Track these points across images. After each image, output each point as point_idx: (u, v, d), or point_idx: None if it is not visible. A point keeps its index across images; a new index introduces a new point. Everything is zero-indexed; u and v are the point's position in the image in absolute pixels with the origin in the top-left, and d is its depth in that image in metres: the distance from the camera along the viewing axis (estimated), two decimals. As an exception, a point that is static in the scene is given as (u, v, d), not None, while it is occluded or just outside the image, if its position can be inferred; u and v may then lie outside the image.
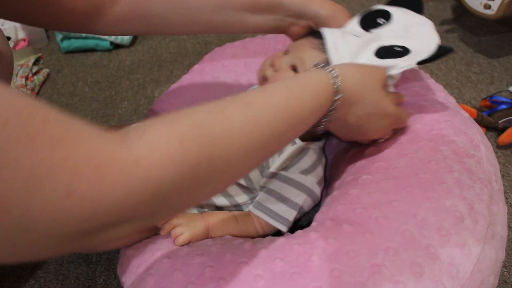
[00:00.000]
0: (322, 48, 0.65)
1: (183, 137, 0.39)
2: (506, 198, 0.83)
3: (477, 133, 0.66)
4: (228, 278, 0.53)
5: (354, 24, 0.70)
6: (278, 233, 0.66)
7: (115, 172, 0.34)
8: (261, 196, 0.67)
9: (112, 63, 1.30)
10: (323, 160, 0.71)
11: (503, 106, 0.98)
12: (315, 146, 0.71)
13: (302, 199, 0.66)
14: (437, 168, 0.60)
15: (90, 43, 1.33)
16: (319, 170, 0.69)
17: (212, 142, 0.40)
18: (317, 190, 0.68)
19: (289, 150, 0.68)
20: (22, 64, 1.20)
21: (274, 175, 0.67)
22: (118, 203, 0.34)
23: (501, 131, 0.96)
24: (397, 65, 0.61)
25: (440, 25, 1.36)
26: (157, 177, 0.36)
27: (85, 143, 0.33)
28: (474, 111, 0.96)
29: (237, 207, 0.71)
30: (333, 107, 0.54)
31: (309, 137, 0.70)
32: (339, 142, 0.76)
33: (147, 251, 0.63)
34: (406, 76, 0.76)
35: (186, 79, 0.96)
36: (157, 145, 0.37)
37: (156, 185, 0.36)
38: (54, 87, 1.21)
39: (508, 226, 0.71)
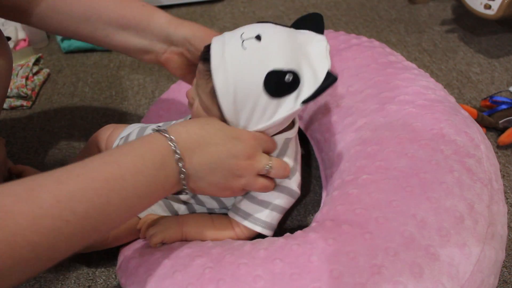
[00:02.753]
0: (208, 75, 0.58)
1: None
2: (506, 198, 0.83)
3: (477, 133, 0.66)
4: (228, 279, 0.53)
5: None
6: (260, 234, 0.65)
7: None
8: (238, 199, 0.65)
9: (112, 63, 1.30)
10: (298, 150, 0.67)
11: (503, 106, 0.98)
12: (284, 137, 0.64)
13: (283, 201, 0.64)
14: (437, 168, 0.60)
15: (90, 43, 1.33)
16: (297, 176, 0.66)
17: (17, 232, 0.40)
18: (295, 186, 0.65)
19: None
20: (23, 64, 1.20)
21: None
22: None
23: (501, 131, 0.96)
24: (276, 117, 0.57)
25: (440, 25, 1.36)
26: None
27: None
28: (474, 111, 0.96)
29: (227, 209, 0.70)
30: (183, 170, 0.52)
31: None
32: (328, 121, 0.75)
33: (147, 253, 0.63)
34: (407, 76, 0.76)
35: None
36: None
37: None
38: (54, 87, 1.21)
39: (508, 226, 0.71)
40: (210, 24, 1.43)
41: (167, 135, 0.52)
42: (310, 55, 0.58)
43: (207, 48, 0.59)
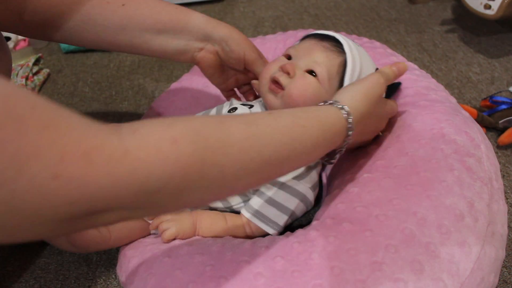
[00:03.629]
0: (337, 50, 0.66)
1: (177, 137, 0.39)
2: (506, 198, 0.83)
3: (478, 133, 0.67)
4: (229, 276, 0.53)
5: None
6: (266, 233, 0.66)
7: (103, 159, 0.34)
8: (253, 199, 0.67)
9: (112, 63, 1.30)
10: (318, 165, 0.70)
11: (503, 106, 0.98)
12: None
13: (294, 204, 0.66)
14: (437, 167, 0.60)
15: (90, 43, 1.33)
16: (313, 175, 0.68)
17: (207, 148, 0.40)
18: (310, 196, 0.67)
19: None
20: (23, 64, 1.20)
21: None
22: (104, 190, 0.34)
23: (501, 131, 0.96)
24: None
25: (440, 25, 1.36)
26: (145, 171, 0.36)
27: (73, 130, 0.34)
28: (474, 111, 0.96)
29: (230, 208, 0.70)
30: (346, 142, 0.57)
31: None
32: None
33: (147, 251, 0.63)
34: (408, 76, 0.76)
35: (187, 78, 0.96)
36: (149, 140, 0.37)
37: (143, 179, 0.36)
38: (54, 87, 1.21)
39: (508, 225, 0.71)
40: (210, 24, 1.43)
41: (344, 112, 0.56)
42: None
43: (318, 34, 0.70)
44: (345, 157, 0.71)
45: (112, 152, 0.35)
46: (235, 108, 0.71)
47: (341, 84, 0.65)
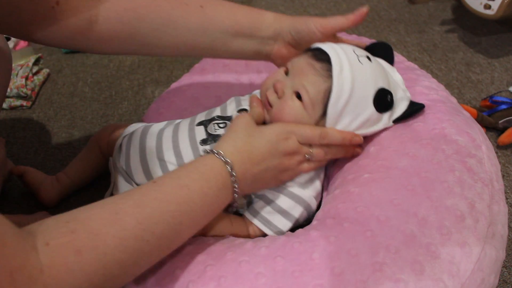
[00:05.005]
0: (326, 75, 0.63)
1: (81, 248, 0.43)
2: (506, 198, 0.83)
3: (479, 133, 0.67)
4: (229, 276, 0.53)
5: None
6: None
7: (24, 279, 0.39)
8: (258, 204, 0.67)
9: (112, 63, 1.30)
10: (322, 175, 0.70)
11: (503, 106, 0.99)
12: None
13: (298, 212, 0.66)
14: (438, 167, 0.60)
15: (90, 43, 1.32)
16: (317, 185, 0.68)
17: (107, 252, 0.44)
18: (314, 204, 0.68)
19: None
20: (22, 64, 1.20)
21: None
22: None
23: (501, 131, 0.96)
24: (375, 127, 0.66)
25: (440, 25, 1.36)
26: (57, 285, 0.41)
27: (5, 247, 0.38)
28: (474, 111, 0.96)
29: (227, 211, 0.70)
30: (236, 189, 0.58)
31: None
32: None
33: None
34: (409, 76, 0.76)
35: (186, 78, 0.96)
36: (58, 254, 0.42)
37: None
38: (54, 87, 1.21)
39: (508, 226, 0.71)
40: (210, 24, 1.43)
41: (223, 159, 0.57)
42: (397, 82, 0.69)
43: (319, 50, 0.65)
44: (345, 157, 0.71)
45: (31, 271, 0.39)
46: (245, 110, 0.71)
47: (324, 111, 0.63)
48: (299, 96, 0.64)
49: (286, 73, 0.67)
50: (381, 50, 0.72)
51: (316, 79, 0.63)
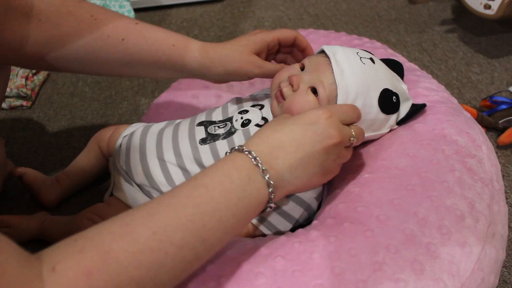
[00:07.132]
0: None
1: (91, 269, 0.39)
2: (506, 198, 0.83)
3: (479, 133, 0.67)
4: (229, 275, 0.53)
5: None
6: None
7: None
8: None
9: (112, 63, 1.30)
10: None
11: (503, 106, 0.99)
12: None
13: (299, 213, 0.66)
14: (438, 167, 0.60)
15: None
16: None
17: (120, 270, 0.40)
18: (315, 206, 0.67)
19: None
20: (22, 64, 1.20)
21: None
22: None
23: (501, 131, 0.96)
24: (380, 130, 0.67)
25: (440, 25, 1.36)
26: None
27: (7, 277, 0.35)
28: (474, 111, 0.96)
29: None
30: (269, 180, 0.50)
31: None
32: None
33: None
34: (410, 78, 0.76)
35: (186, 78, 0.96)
36: (64, 281, 0.38)
37: None
38: (54, 87, 1.21)
39: (508, 226, 0.71)
40: (210, 24, 1.43)
41: (245, 149, 0.51)
42: (401, 84, 0.70)
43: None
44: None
45: None
46: (246, 111, 0.71)
47: None
48: (314, 92, 0.64)
49: (301, 68, 0.67)
50: (391, 67, 0.71)
51: (333, 77, 0.63)
